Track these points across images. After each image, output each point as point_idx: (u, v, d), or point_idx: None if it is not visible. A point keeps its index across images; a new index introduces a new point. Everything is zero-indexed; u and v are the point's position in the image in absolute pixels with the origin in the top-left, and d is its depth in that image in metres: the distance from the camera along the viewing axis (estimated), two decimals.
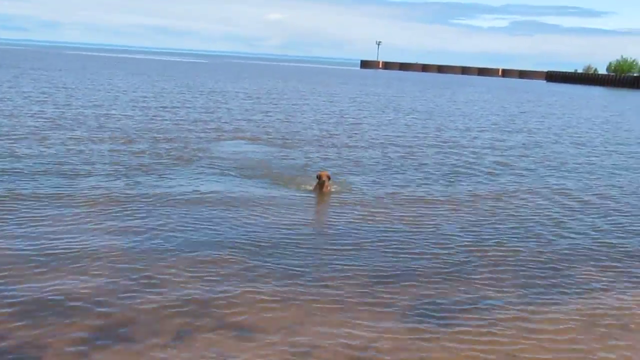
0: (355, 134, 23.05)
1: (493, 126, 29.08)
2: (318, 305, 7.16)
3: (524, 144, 22.84)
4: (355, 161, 17.00)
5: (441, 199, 12.94)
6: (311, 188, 12.77)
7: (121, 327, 6.39)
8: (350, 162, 16.85)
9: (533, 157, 19.81)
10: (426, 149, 20.04)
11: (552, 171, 17.16)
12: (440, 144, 21.67)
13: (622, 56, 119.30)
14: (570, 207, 12.82)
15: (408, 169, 16.16)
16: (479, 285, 8.07)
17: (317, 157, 17.38)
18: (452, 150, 20.21)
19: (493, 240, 10.09)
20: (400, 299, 7.48)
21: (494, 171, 16.55)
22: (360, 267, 8.44)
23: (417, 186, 14.10)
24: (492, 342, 6.55)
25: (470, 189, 14.12)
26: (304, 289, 7.60)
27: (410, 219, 11.18)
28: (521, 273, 8.66)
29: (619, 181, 16.28)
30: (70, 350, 5.89)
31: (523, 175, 16.10)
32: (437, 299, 7.55)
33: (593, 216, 12.10)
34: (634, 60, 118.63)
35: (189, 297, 7.16)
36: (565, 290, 8.09)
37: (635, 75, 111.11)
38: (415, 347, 6.32)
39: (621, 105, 55.88)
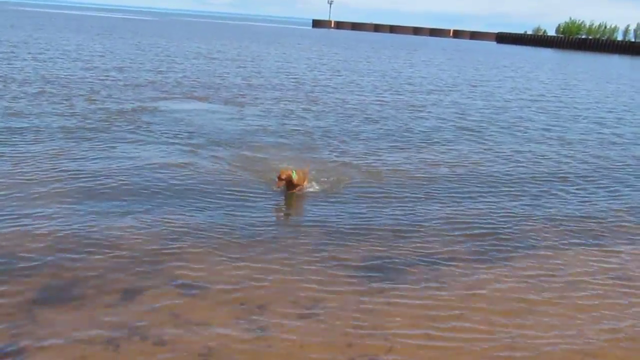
0: (314, 97, 22.87)
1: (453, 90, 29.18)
2: (268, 265, 7.17)
3: (483, 108, 23.06)
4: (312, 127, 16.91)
5: (400, 162, 13.02)
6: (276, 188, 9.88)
7: (70, 286, 6.32)
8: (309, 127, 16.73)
9: (492, 120, 20.04)
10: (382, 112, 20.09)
11: (512, 134, 17.36)
12: (400, 107, 21.71)
13: (570, 18, 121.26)
14: (524, 170, 13.03)
15: (372, 133, 16.21)
16: (427, 244, 8.18)
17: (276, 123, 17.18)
18: (417, 114, 20.32)
19: (445, 202, 10.19)
20: (348, 257, 7.54)
21: (458, 136, 16.62)
22: (312, 227, 8.44)
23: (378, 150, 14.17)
24: (436, 297, 6.68)
25: (424, 147, 14.29)
26: (256, 248, 7.60)
27: (363, 180, 11.22)
28: (470, 233, 8.78)
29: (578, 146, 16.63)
30: (18, 309, 5.82)
31: (484, 139, 16.21)
32: (385, 257, 7.64)
33: (548, 178, 12.29)
34: (582, 22, 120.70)
35: (139, 256, 7.11)
36: (513, 249, 8.24)
37: (582, 37, 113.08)
38: (361, 303, 6.41)
39: (573, 68, 56.81)
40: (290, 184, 9.54)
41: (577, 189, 11.53)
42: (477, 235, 8.62)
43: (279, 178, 9.41)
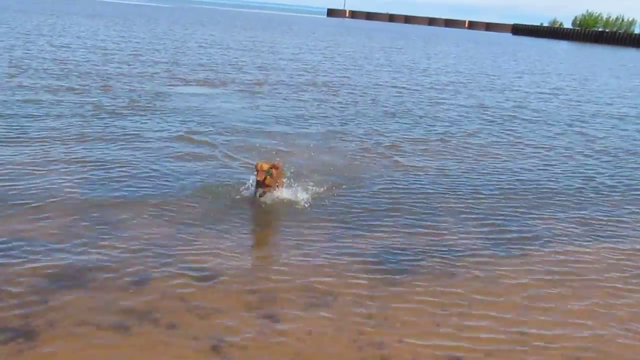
0: (330, 87, 22.58)
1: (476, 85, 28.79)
2: (281, 255, 7.16)
3: (504, 101, 22.69)
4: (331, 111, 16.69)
5: (413, 149, 12.96)
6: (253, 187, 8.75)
7: (81, 271, 6.30)
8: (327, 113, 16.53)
9: (512, 114, 19.79)
10: (388, 97, 19.83)
11: (533, 128, 17.10)
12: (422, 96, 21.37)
13: (587, 10, 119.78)
14: (544, 161, 12.92)
15: (384, 118, 16.01)
16: (442, 237, 8.11)
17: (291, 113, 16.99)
18: (431, 101, 20.06)
19: (462, 195, 10.06)
20: (362, 248, 7.49)
21: (479, 129, 16.39)
22: (325, 218, 8.34)
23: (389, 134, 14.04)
24: (449, 289, 6.63)
25: (444, 140, 14.18)
26: (269, 238, 7.64)
27: (379, 172, 11.15)
28: (485, 222, 8.74)
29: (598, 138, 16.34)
30: (30, 292, 5.82)
31: (504, 132, 15.97)
32: (398, 249, 7.59)
33: (569, 174, 12.09)
34: (599, 15, 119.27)
35: (150, 242, 7.08)
36: (528, 244, 8.13)
37: (599, 30, 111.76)
38: (374, 293, 6.38)
39: (591, 61, 56.16)
40: (261, 183, 8.22)
41: (597, 185, 11.33)
42: (493, 230, 8.52)
43: (262, 170, 8.05)
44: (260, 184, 8.17)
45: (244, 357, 5.13)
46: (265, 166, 8.01)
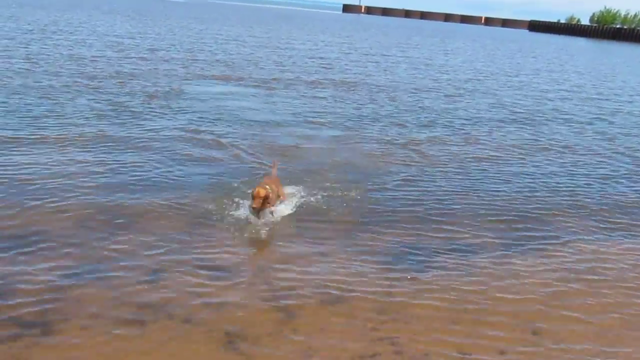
0: (347, 83, 22.52)
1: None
2: (295, 250, 7.15)
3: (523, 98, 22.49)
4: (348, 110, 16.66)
5: (430, 147, 12.92)
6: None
7: (98, 264, 6.34)
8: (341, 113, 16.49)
9: (530, 111, 19.65)
10: (404, 96, 19.83)
11: (552, 126, 16.97)
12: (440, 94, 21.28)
13: (605, 7, 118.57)
14: (563, 160, 12.82)
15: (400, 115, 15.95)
16: (457, 233, 8.08)
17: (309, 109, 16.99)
18: (452, 98, 20.00)
19: (478, 192, 10.01)
20: (377, 244, 7.48)
21: (498, 127, 16.26)
22: (340, 214, 8.32)
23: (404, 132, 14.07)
24: (464, 285, 6.62)
25: (462, 139, 14.11)
26: (283, 233, 7.57)
27: (396, 168, 11.14)
28: (502, 219, 8.70)
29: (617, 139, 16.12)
30: (46, 285, 5.86)
31: (522, 130, 15.84)
32: (414, 244, 7.57)
33: (587, 172, 12.00)
34: (617, 12, 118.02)
35: (166, 237, 7.11)
36: (544, 240, 8.10)
37: (617, 26, 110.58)
38: (388, 289, 6.38)
39: (610, 58, 55.56)
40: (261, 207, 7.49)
41: (616, 185, 11.23)
42: (511, 228, 8.46)
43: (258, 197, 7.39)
44: (257, 210, 7.46)
45: (259, 352, 5.14)
46: (263, 192, 7.33)
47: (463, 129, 15.03)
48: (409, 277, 6.68)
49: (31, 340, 5.02)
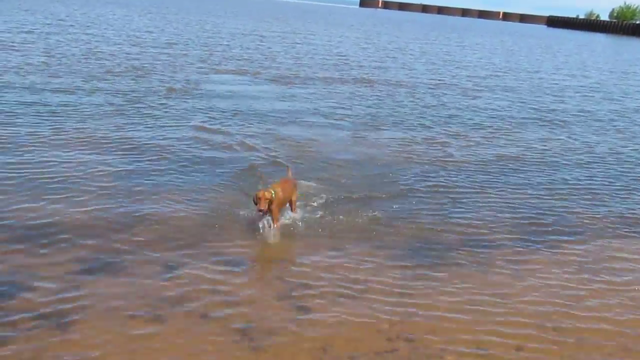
0: (365, 79, 22.39)
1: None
2: (312, 244, 7.14)
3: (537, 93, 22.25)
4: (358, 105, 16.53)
5: (449, 143, 12.87)
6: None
7: (114, 258, 6.36)
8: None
9: (551, 108, 19.45)
10: (423, 93, 19.72)
11: (574, 124, 16.76)
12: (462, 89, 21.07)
13: (625, 2, 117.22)
14: (583, 157, 12.71)
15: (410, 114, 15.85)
16: (474, 230, 8.01)
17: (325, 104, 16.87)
18: (469, 96, 19.82)
19: (497, 190, 9.93)
20: (394, 240, 7.44)
21: (517, 123, 16.19)
22: (358, 210, 8.23)
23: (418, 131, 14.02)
24: (480, 283, 6.59)
25: (481, 135, 14.04)
26: (299, 227, 7.54)
27: (416, 162, 11.09)
28: (520, 217, 8.63)
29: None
30: (63, 278, 5.88)
31: (543, 127, 15.67)
32: (431, 242, 7.53)
33: (603, 166, 11.96)
34: (637, 7, 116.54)
35: (181, 230, 7.12)
36: (561, 239, 8.01)
37: (637, 22, 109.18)
38: (405, 285, 6.36)
39: (630, 54, 54.97)
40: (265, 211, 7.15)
41: (636, 183, 11.05)
42: (529, 224, 8.40)
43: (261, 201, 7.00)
44: (264, 212, 7.14)
45: (275, 346, 5.14)
46: (268, 194, 7.01)
47: (482, 126, 14.91)
48: (425, 273, 6.66)
49: (48, 333, 5.03)
